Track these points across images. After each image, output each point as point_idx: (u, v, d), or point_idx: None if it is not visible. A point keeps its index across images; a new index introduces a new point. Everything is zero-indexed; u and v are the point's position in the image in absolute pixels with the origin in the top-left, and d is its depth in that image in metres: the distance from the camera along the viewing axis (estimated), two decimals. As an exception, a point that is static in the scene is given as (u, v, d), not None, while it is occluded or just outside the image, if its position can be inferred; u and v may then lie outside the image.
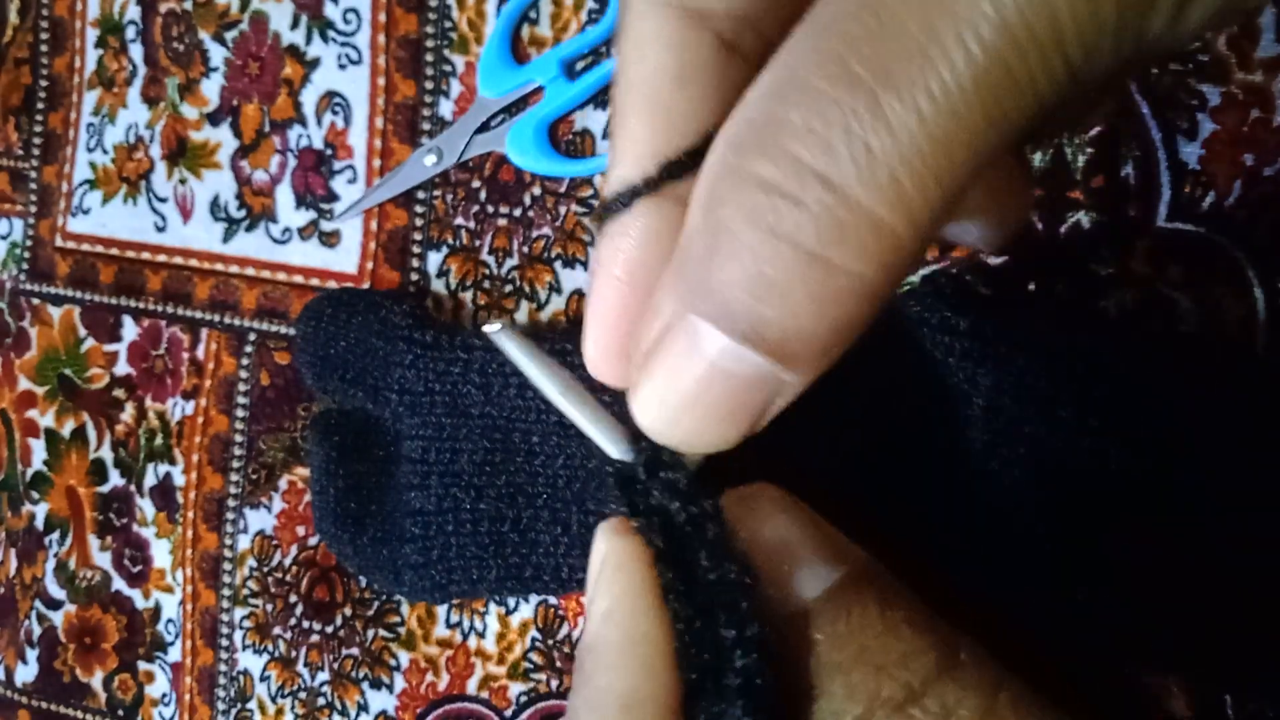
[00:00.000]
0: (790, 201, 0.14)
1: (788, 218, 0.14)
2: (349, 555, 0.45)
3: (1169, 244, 0.37)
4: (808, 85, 0.14)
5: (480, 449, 0.42)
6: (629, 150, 0.19)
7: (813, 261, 0.14)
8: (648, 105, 0.18)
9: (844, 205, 0.14)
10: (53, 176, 0.54)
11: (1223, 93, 0.36)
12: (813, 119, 0.14)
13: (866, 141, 0.13)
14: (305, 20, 0.48)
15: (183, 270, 0.51)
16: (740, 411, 0.16)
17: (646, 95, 0.18)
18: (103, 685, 0.53)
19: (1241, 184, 0.36)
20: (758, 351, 0.15)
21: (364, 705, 0.48)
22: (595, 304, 0.19)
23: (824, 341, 0.15)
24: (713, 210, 0.15)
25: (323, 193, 0.48)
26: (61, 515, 0.54)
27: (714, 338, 0.15)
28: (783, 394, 0.16)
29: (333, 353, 0.45)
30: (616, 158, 0.19)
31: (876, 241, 0.14)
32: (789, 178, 0.14)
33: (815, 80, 0.14)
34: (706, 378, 0.16)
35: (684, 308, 0.15)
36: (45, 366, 0.54)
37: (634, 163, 0.19)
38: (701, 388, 0.16)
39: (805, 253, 0.14)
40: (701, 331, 0.15)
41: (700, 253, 0.15)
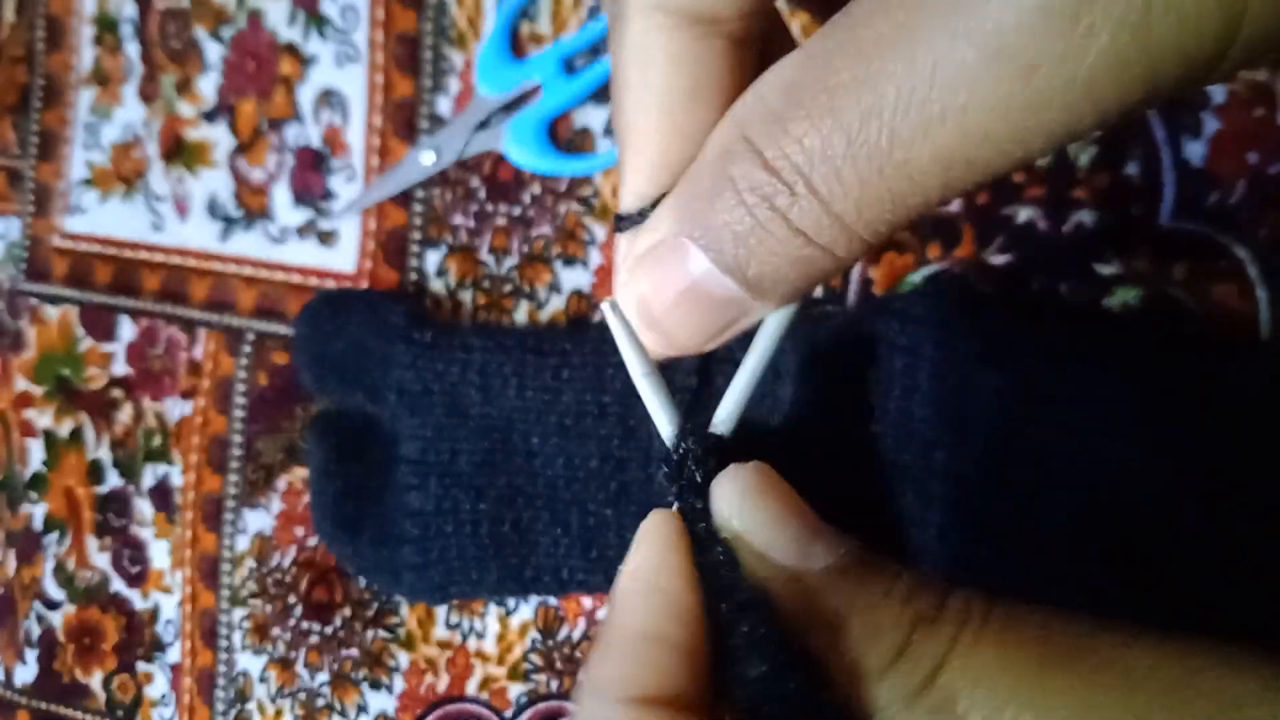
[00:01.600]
0: (786, 188, 0.17)
1: (782, 197, 0.17)
2: (348, 556, 0.44)
3: (1173, 243, 0.36)
4: (803, 104, 0.16)
5: (479, 449, 0.42)
6: (643, 169, 0.20)
7: (796, 234, 0.17)
8: (660, 125, 0.19)
9: (823, 209, 0.17)
10: (49, 175, 0.53)
11: (1228, 91, 0.36)
12: (804, 135, 0.16)
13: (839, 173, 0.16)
14: (302, 17, 0.48)
15: (180, 270, 0.50)
16: (708, 324, 0.19)
17: (658, 116, 0.19)
18: (102, 686, 0.53)
19: (1246, 183, 0.36)
20: (734, 280, 0.18)
21: (363, 706, 0.47)
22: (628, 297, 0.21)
23: (793, 287, 0.18)
24: (724, 162, 0.17)
25: (320, 191, 0.48)
26: (60, 516, 0.54)
27: (701, 261, 0.18)
28: (747, 317, 0.19)
29: (331, 353, 0.44)
30: (630, 175, 0.20)
31: (845, 239, 0.17)
32: (786, 170, 0.17)
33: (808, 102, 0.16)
34: (688, 291, 0.18)
35: (681, 231, 0.18)
36: (43, 367, 0.54)
37: (649, 180, 0.20)
38: (682, 297, 0.18)
39: (792, 227, 0.17)
40: (692, 254, 0.18)
41: (705, 191, 0.18)
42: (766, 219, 0.17)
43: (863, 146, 0.16)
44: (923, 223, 0.39)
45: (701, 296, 0.18)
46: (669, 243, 0.18)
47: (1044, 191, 0.38)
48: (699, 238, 0.18)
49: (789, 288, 0.18)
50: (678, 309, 0.19)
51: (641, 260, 0.19)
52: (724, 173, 0.17)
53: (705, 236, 0.18)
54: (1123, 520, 0.32)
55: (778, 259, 0.17)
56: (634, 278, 0.19)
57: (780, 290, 0.18)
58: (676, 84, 0.19)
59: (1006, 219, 0.38)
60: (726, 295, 0.18)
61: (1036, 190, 0.38)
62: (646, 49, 0.19)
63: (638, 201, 0.20)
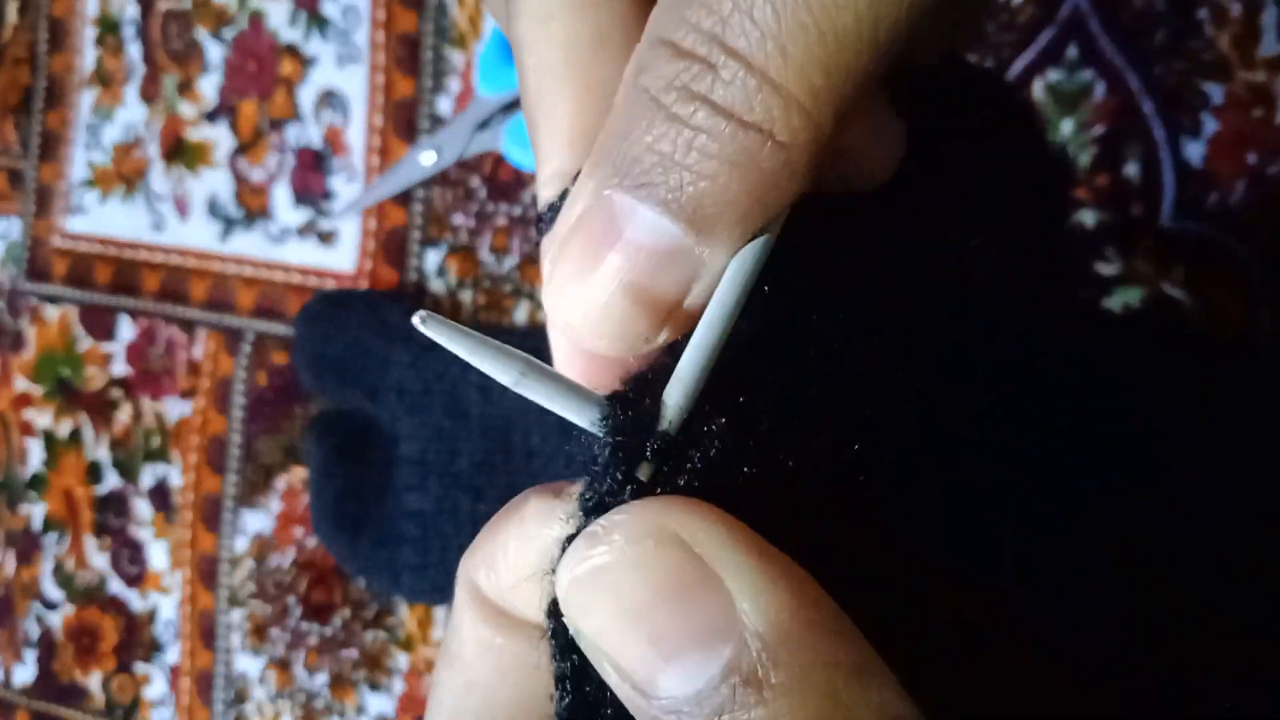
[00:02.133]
0: (702, 64, 0.14)
1: (701, 79, 0.14)
2: (347, 557, 0.44)
3: (1172, 243, 0.36)
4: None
5: (479, 450, 0.42)
6: (557, 140, 0.17)
7: (726, 118, 0.14)
8: (567, 83, 0.17)
9: (746, 70, 0.14)
10: (51, 175, 0.53)
11: (1226, 91, 0.36)
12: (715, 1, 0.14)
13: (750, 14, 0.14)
14: (304, 18, 0.48)
15: (180, 270, 0.51)
16: (658, 298, 0.15)
17: (563, 73, 0.17)
18: (100, 687, 0.53)
19: (1245, 183, 0.36)
20: (673, 218, 0.15)
21: (362, 707, 0.47)
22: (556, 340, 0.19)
23: (741, 208, 0.15)
24: (633, 81, 0.15)
25: (321, 191, 0.48)
26: (59, 516, 0.54)
27: (635, 211, 0.15)
28: (700, 277, 0.15)
29: (330, 353, 0.44)
30: (544, 152, 0.18)
31: (781, 107, 0.14)
32: (699, 44, 0.14)
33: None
34: (623, 257, 0.15)
35: (602, 185, 0.15)
36: (43, 367, 0.54)
37: (566, 150, 0.17)
38: (623, 269, 0.15)
39: (719, 110, 0.14)
40: (621, 207, 0.15)
41: (621, 126, 0.15)
42: (688, 114, 0.14)
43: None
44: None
45: (641, 260, 0.15)
46: (591, 207, 0.15)
47: (1044, 192, 0.38)
48: (624, 180, 0.15)
49: (737, 210, 0.15)
50: (615, 286, 0.15)
51: (564, 246, 0.15)
52: (636, 91, 0.15)
53: (631, 174, 0.15)
54: (1120, 520, 0.32)
55: (715, 164, 0.14)
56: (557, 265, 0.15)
57: (729, 218, 0.15)
58: (580, 33, 0.17)
59: (1006, 219, 0.38)
60: (671, 245, 0.15)
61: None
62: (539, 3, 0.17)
63: (559, 183, 0.17)
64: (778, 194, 0.15)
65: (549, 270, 0.16)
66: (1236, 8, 0.36)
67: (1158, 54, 0.36)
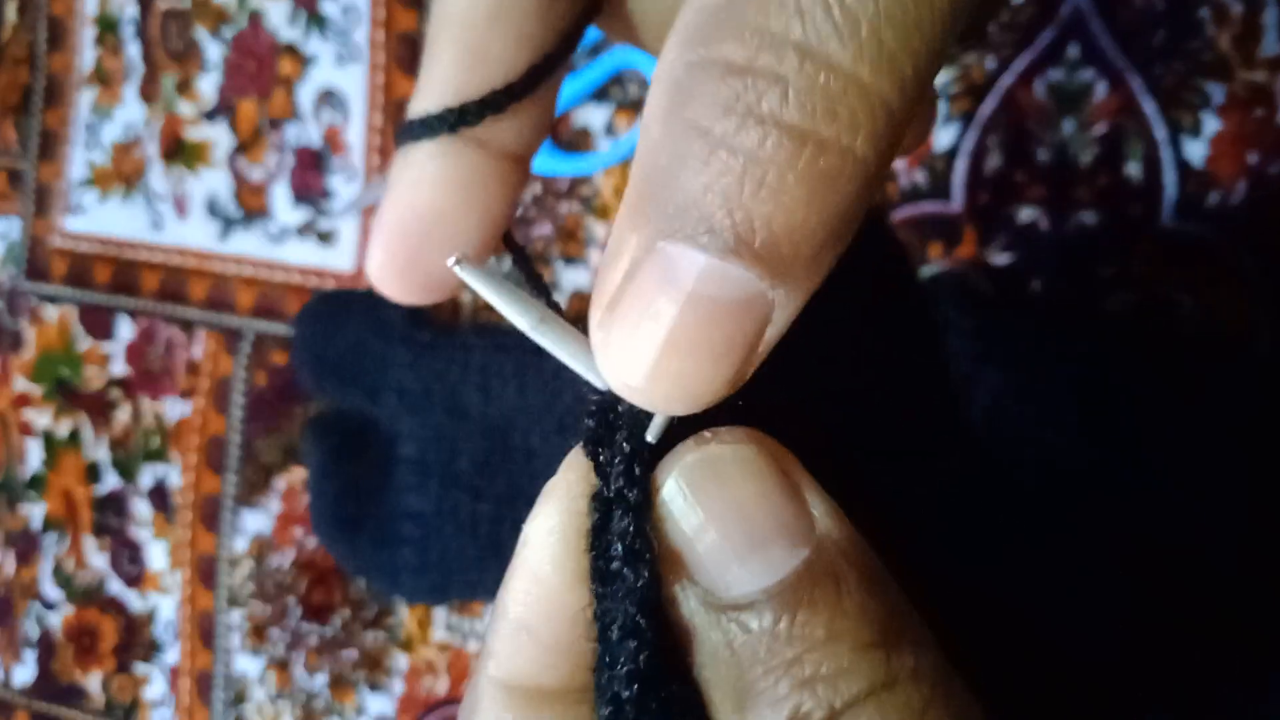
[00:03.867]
0: (768, 78, 0.12)
1: (768, 96, 0.12)
2: (346, 557, 0.44)
3: (1172, 244, 0.36)
4: None
5: (479, 450, 0.42)
6: (434, 86, 0.18)
7: (802, 140, 0.12)
8: (458, 42, 0.18)
9: (828, 72, 0.12)
10: (50, 175, 0.53)
11: (1227, 91, 0.36)
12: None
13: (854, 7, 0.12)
14: (303, 17, 0.48)
15: (179, 269, 0.50)
16: (729, 349, 0.13)
17: (457, 31, 0.18)
18: (100, 687, 0.53)
19: (1246, 183, 0.36)
20: (744, 263, 0.13)
21: (362, 708, 0.47)
22: (380, 221, 0.19)
23: (819, 239, 0.13)
24: (674, 114, 0.13)
25: (320, 191, 0.48)
26: (58, 516, 0.54)
27: (691, 260, 0.13)
28: (775, 320, 0.14)
29: (330, 353, 0.44)
30: (420, 90, 0.18)
31: (868, 110, 0.13)
32: (763, 52, 0.12)
33: None
34: (686, 313, 0.13)
35: (652, 237, 0.13)
36: (42, 367, 0.54)
37: (436, 98, 0.18)
38: (683, 326, 0.13)
39: (792, 131, 0.12)
40: (675, 257, 0.13)
41: (665, 166, 0.13)
42: (756, 144, 0.12)
43: None
44: (923, 223, 0.39)
45: (705, 312, 0.13)
46: (642, 261, 0.13)
47: (1045, 192, 0.38)
48: (678, 230, 0.13)
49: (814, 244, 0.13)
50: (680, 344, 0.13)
51: (613, 303, 0.14)
52: (681, 127, 0.13)
53: (684, 221, 0.13)
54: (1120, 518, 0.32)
55: (789, 198, 0.13)
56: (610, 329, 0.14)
57: (805, 254, 0.13)
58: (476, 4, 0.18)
59: (1008, 219, 0.38)
60: (738, 294, 0.13)
61: (1038, 191, 0.38)
62: None
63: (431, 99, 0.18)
64: (855, 216, 0.13)
65: (601, 336, 0.14)
66: (1237, 7, 0.36)
67: (1158, 54, 0.36)
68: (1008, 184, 0.38)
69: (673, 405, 0.14)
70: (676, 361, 0.14)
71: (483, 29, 0.18)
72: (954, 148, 0.38)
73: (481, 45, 0.18)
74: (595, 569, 0.15)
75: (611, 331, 0.14)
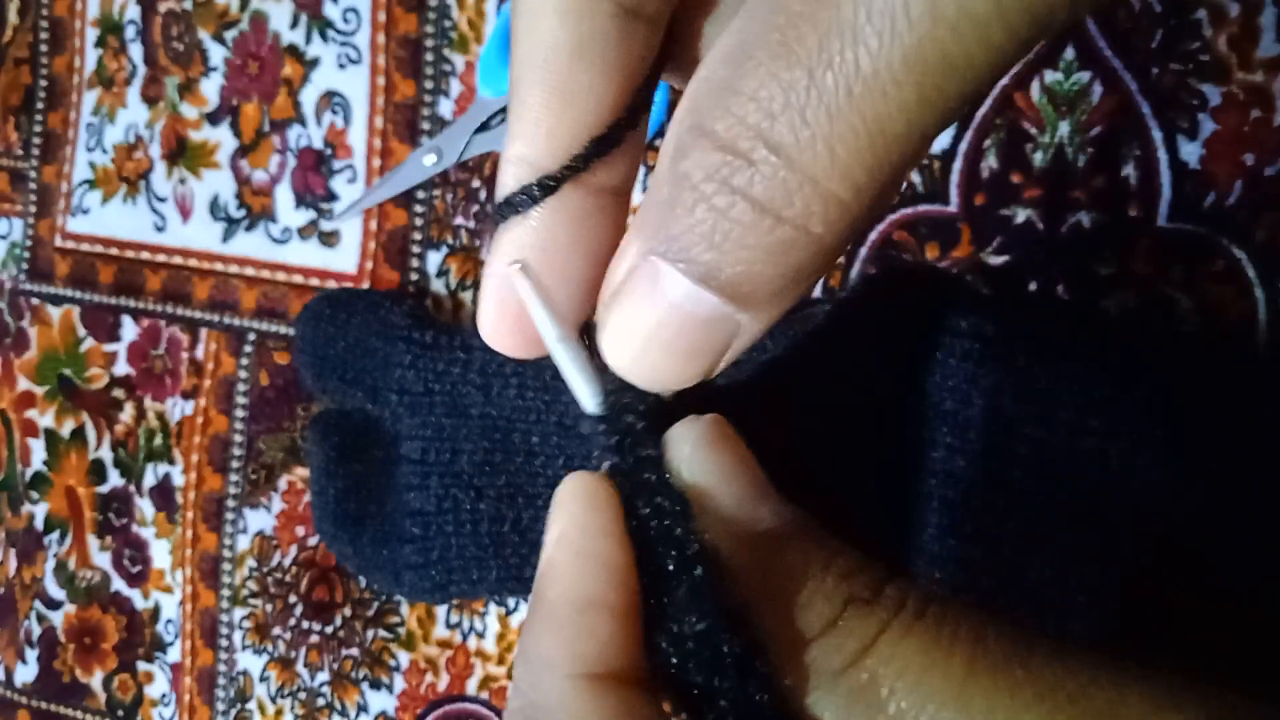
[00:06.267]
0: (742, 160, 0.15)
1: (740, 174, 0.15)
2: (348, 556, 0.44)
3: (1170, 244, 0.36)
4: (752, 56, 0.15)
5: (480, 449, 0.42)
6: (526, 129, 0.18)
7: (763, 214, 0.15)
8: (545, 83, 0.18)
9: (787, 168, 0.15)
10: (52, 176, 0.54)
11: (1223, 92, 0.36)
12: (758, 88, 0.15)
13: (803, 114, 0.14)
14: (305, 20, 0.48)
15: (182, 270, 0.51)
16: (700, 349, 0.17)
17: (543, 73, 0.18)
18: (102, 685, 0.53)
19: (1242, 184, 0.36)
20: (715, 294, 0.16)
21: (364, 706, 0.47)
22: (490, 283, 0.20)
23: (776, 287, 0.16)
24: (676, 161, 0.16)
25: (322, 192, 0.48)
26: (61, 515, 0.54)
27: (675, 279, 0.16)
28: (740, 335, 0.17)
29: (332, 353, 0.45)
30: (513, 132, 0.19)
31: (821, 203, 0.15)
32: (740, 138, 0.15)
33: (758, 52, 0.15)
34: (668, 317, 0.16)
35: (647, 250, 0.16)
36: (45, 366, 0.54)
37: (531, 143, 0.18)
38: (664, 326, 0.17)
39: (757, 206, 0.15)
40: (663, 273, 0.16)
41: (664, 199, 0.16)
42: (726, 206, 0.15)
43: (826, 73, 0.14)
44: (920, 224, 0.39)
45: (683, 319, 0.16)
46: (638, 268, 0.17)
47: (1042, 192, 0.38)
48: (666, 252, 0.16)
49: (772, 288, 0.16)
50: (661, 339, 0.17)
51: (615, 295, 0.17)
52: (678, 172, 0.16)
53: (672, 248, 0.16)
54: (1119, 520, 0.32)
55: (750, 253, 0.15)
56: (610, 314, 0.17)
57: (765, 294, 0.16)
58: (562, 39, 0.18)
59: (1005, 219, 0.38)
60: (710, 313, 0.16)
61: (1034, 191, 0.38)
62: (535, 2, 0.18)
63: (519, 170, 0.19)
64: (813, 274, 0.16)
65: (602, 317, 0.18)
66: (1234, 8, 0.36)
67: (1155, 55, 0.37)
68: (1004, 185, 0.38)
69: (651, 385, 0.18)
70: (656, 354, 0.17)
71: (567, 65, 0.18)
72: (950, 150, 0.39)
73: (568, 82, 0.18)
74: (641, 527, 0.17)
75: (609, 319, 0.17)
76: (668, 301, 0.16)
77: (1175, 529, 0.32)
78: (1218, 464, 0.32)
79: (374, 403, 0.44)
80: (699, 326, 0.16)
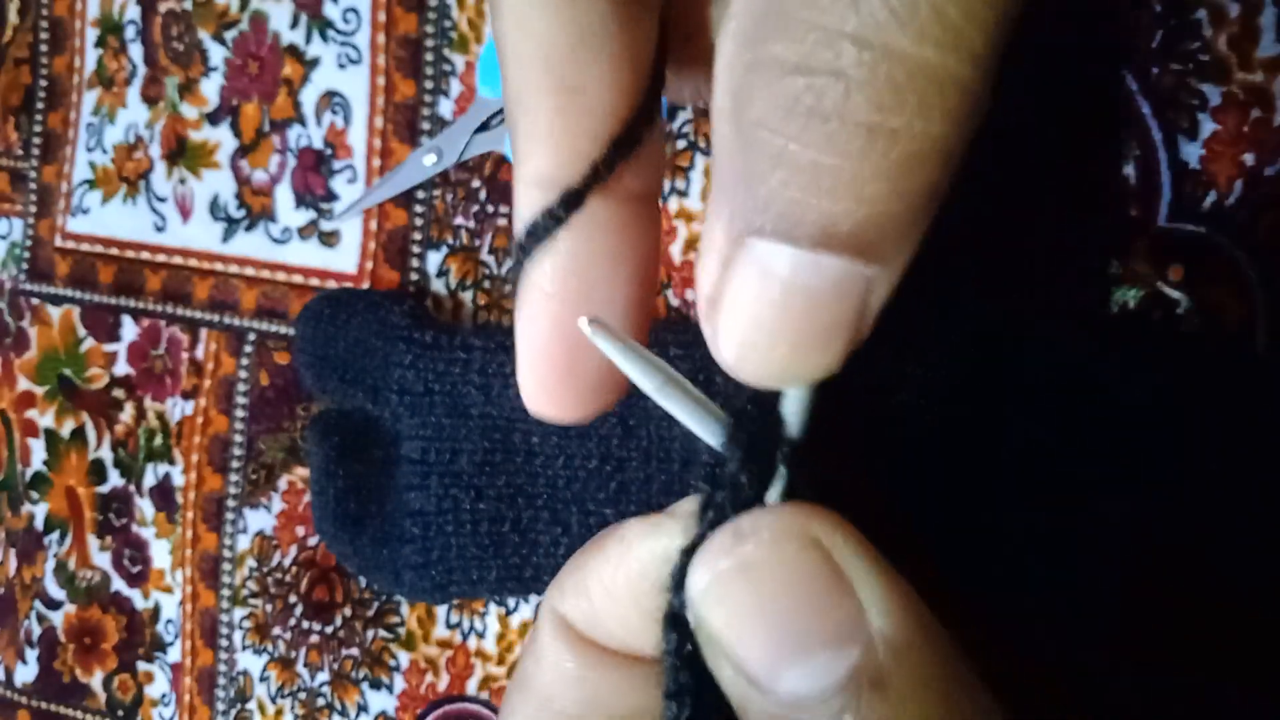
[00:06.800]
0: (826, 75, 0.12)
1: (830, 92, 0.12)
2: (348, 556, 0.44)
3: (1170, 244, 0.36)
4: None
5: (480, 449, 0.42)
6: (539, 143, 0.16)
7: (872, 134, 0.12)
8: (549, 84, 0.16)
9: (888, 59, 0.12)
10: (52, 176, 0.54)
11: (1223, 92, 0.36)
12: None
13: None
14: (305, 20, 0.48)
15: (182, 270, 0.51)
16: (836, 326, 0.14)
17: (544, 73, 0.16)
18: (102, 685, 0.53)
19: (1242, 184, 0.36)
20: (834, 253, 0.13)
21: (364, 705, 0.47)
22: (526, 330, 0.17)
23: (903, 220, 0.13)
24: (741, 115, 0.13)
25: (322, 192, 0.48)
26: (61, 515, 0.54)
27: (781, 254, 0.13)
28: (874, 293, 0.14)
29: (332, 353, 0.45)
30: (523, 152, 0.17)
31: (938, 91, 0.12)
32: (818, 49, 0.12)
33: None
34: (787, 301, 0.13)
35: (739, 233, 0.13)
36: (45, 367, 0.54)
37: (545, 156, 0.16)
38: (784, 313, 0.13)
39: (859, 126, 0.12)
40: (766, 252, 0.13)
41: (740, 166, 0.13)
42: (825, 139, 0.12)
43: None
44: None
45: (807, 299, 0.13)
46: (733, 257, 0.14)
47: (1042, 193, 0.38)
48: (763, 227, 0.13)
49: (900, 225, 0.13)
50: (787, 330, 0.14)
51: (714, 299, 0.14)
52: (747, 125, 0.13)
53: (768, 218, 0.13)
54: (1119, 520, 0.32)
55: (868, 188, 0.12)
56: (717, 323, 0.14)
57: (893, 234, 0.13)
58: (558, 32, 0.16)
59: (1004, 220, 0.38)
60: (834, 278, 0.13)
61: None
62: None
63: (538, 192, 0.16)
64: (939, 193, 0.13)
65: (710, 330, 0.14)
66: (1234, 8, 0.36)
67: (1155, 55, 0.37)
68: (1005, 185, 0.38)
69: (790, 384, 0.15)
70: (785, 349, 0.14)
71: (569, 61, 0.16)
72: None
73: (574, 79, 0.16)
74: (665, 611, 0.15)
75: (718, 325, 0.14)
76: (781, 283, 0.13)
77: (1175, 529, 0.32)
78: (1218, 464, 0.32)
79: (374, 403, 0.44)
80: (827, 299, 0.13)
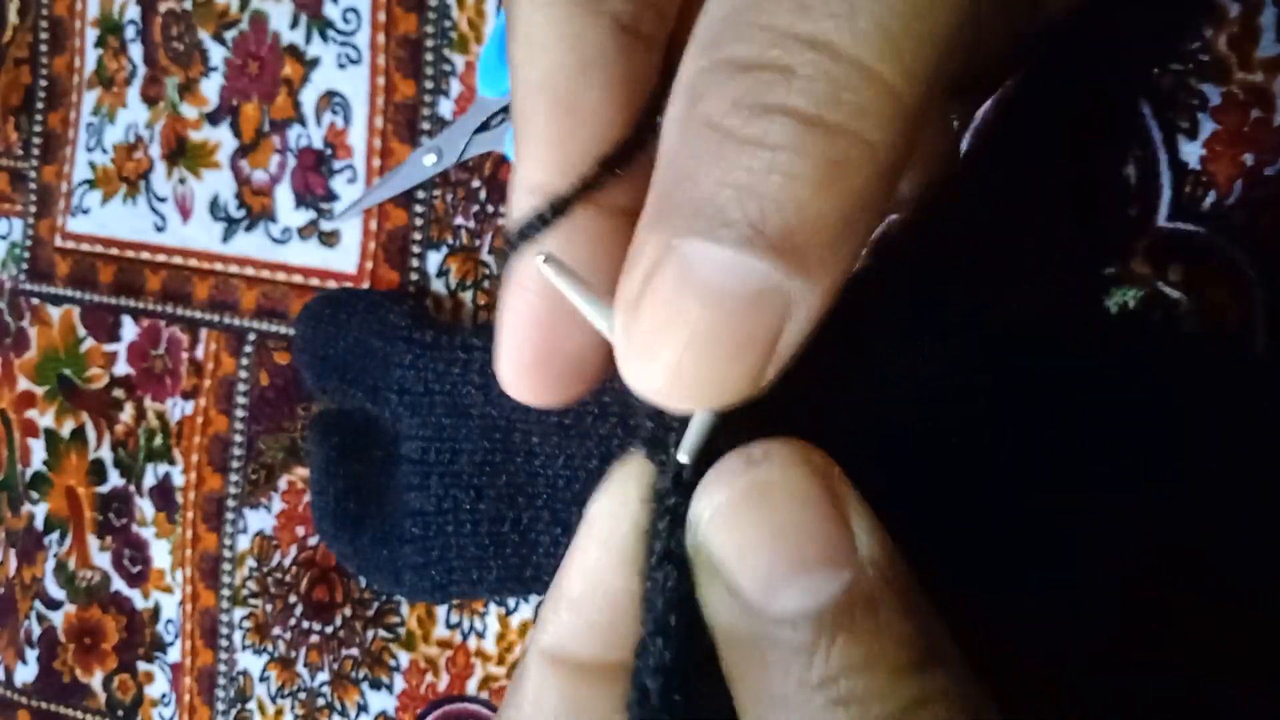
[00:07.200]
0: (775, 71, 0.13)
1: (776, 87, 0.13)
2: (348, 556, 0.44)
3: (1169, 244, 0.36)
4: None
5: (480, 449, 0.42)
6: (535, 153, 0.17)
7: (810, 128, 0.13)
8: (550, 105, 0.17)
9: (831, 59, 0.12)
10: (52, 176, 0.54)
11: (1223, 92, 0.36)
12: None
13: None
14: (305, 20, 0.48)
15: (182, 270, 0.51)
16: (748, 345, 0.13)
17: (547, 94, 0.17)
18: (102, 685, 0.53)
19: (1242, 184, 0.36)
20: (759, 254, 0.13)
21: (364, 706, 0.47)
22: (507, 317, 0.18)
23: (832, 229, 0.13)
24: (689, 114, 0.14)
25: (322, 192, 0.48)
26: (61, 515, 0.54)
27: (707, 255, 0.13)
28: (794, 317, 0.13)
29: (332, 353, 0.45)
30: (523, 159, 0.18)
31: (874, 97, 0.13)
32: (771, 46, 0.13)
33: None
34: (703, 310, 0.13)
35: (668, 235, 0.14)
36: (45, 366, 0.54)
37: (539, 165, 0.17)
38: (699, 324, 0.13)
39: (799, 116, 0.13)
40: (692, 255, 0.13)
41: (681, 165, 0.14)
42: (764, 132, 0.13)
43: None
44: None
45: (723, 307, 0.13)
46: (660, 260, 0.14)
47: (1042, 193, 0.38)
48: (695, 226, 0.13)
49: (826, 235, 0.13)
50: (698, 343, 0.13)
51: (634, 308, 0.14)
52: (695, 125, 0.13)
53: (700, 218, 0.13)
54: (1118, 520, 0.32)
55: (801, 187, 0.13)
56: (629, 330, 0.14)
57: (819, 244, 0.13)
58: (565, 60, 0.17)
59: (1004, 220, 0.38)
60: (755, 287, 0.13)
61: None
62: (534, 25, 0.17)
63: (530, 198, 0.17)
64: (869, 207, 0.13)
65: (622, 340, 0.14)
66: (1235, 8, 0.36)
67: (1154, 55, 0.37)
68: (1005, 185, 0.38)
69: (694, 404, 0.15)
70: (696, 360, 0.14)
71: (570, 85, 0.17)
72: (952, 149, 0.39)
73: (573, 101, 0.17)
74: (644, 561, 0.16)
75: (633, 334, 0.14)
76: (702, 288, 0.13)
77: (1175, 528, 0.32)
78: (1218, 464, 0.32)
79: (374, 403, 0.44)
80: (744, 311, 0.13)
